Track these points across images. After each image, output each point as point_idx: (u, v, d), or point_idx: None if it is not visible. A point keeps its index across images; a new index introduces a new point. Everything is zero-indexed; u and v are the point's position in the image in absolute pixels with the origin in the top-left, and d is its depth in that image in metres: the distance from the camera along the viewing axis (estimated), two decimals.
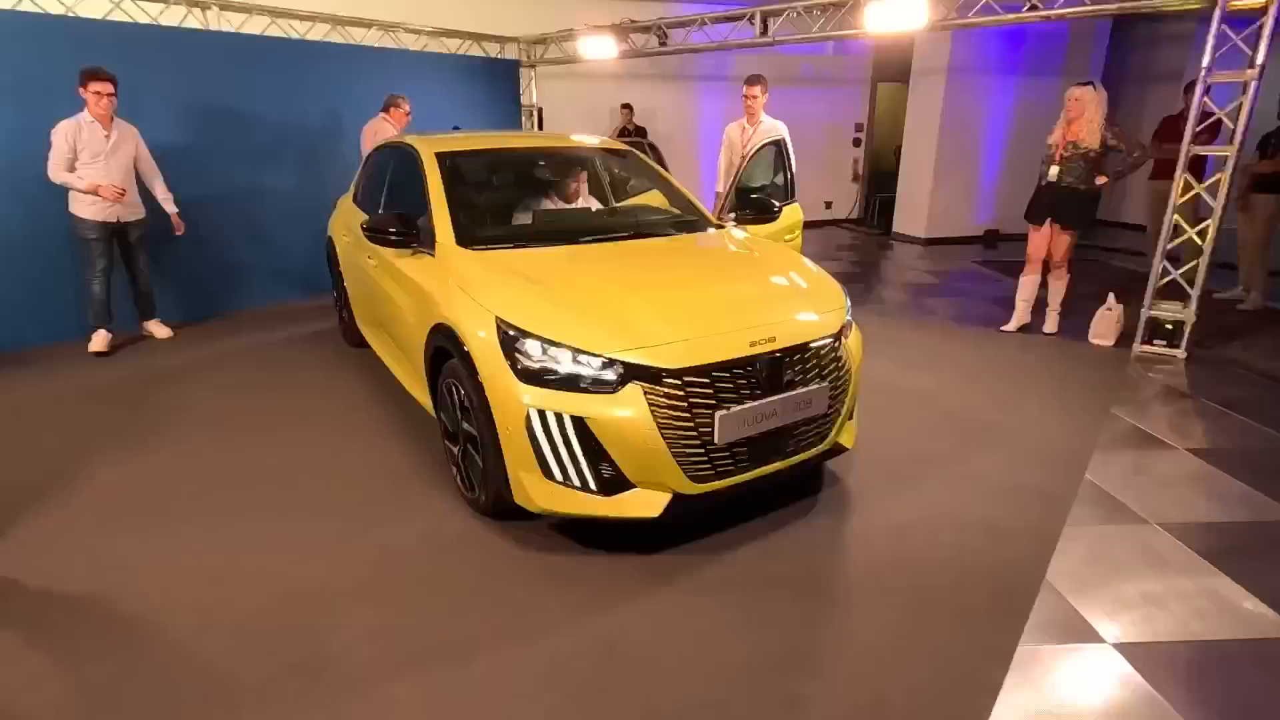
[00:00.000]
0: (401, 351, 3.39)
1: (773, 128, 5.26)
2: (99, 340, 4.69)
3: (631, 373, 2.22)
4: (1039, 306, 5.12)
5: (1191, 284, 4.48)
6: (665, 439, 2.21)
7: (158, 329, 4.98)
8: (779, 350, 2.39)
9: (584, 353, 2.25)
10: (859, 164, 11.02)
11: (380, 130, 5.53)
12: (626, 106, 8.68)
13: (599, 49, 6.95)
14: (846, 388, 2.63)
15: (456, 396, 2.63)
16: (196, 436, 3.41)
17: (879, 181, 11.20)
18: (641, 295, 2.49)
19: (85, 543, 2.54)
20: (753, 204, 3.73)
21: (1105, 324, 4.81)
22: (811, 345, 2.49)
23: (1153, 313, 4.60)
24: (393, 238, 2.99)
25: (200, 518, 2.71)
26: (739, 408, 2.30)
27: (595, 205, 4.00)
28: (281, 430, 3.49)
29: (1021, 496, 2.85)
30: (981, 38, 8.26)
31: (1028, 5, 4.83)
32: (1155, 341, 4.65)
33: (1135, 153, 4.41)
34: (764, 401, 2.35)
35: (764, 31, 5.98)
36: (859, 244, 9.33)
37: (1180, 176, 4.34)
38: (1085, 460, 3.17)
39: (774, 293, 2.70)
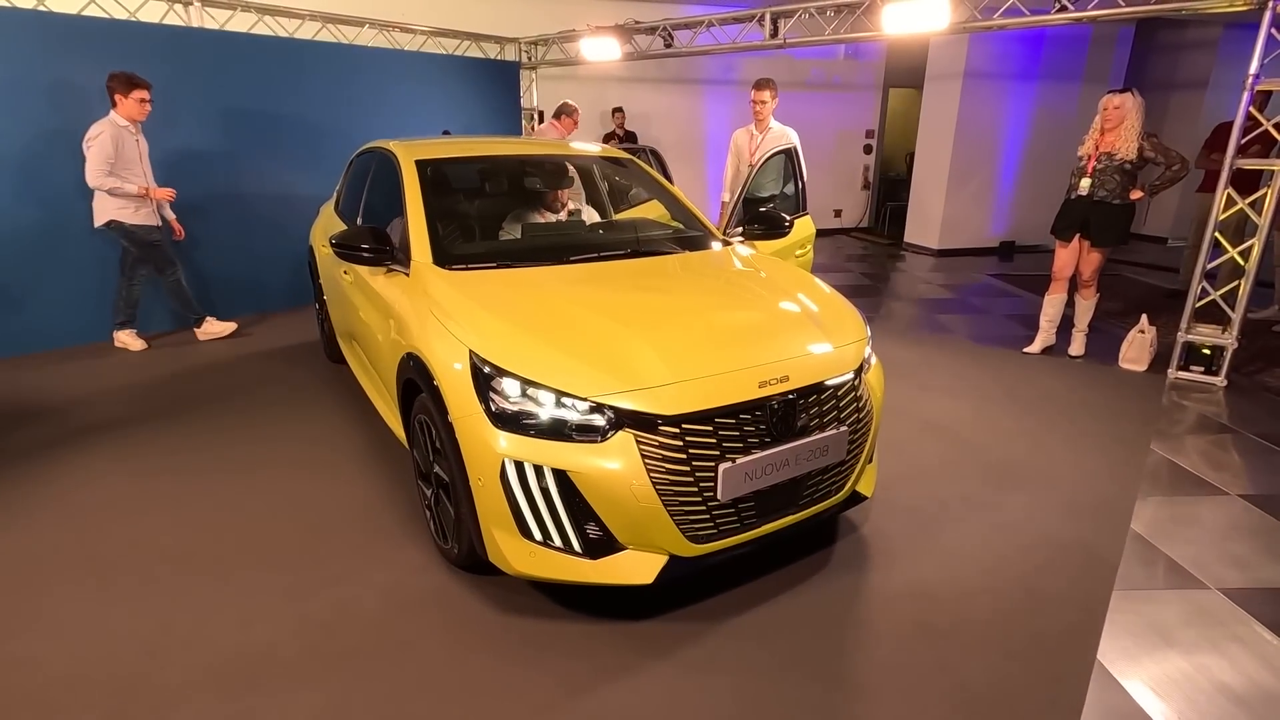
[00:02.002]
0: (376, 376, 3.11)
1: (782, 134, 4.98)
2: (134, 338, 4.72)
3: (622, 419, 1.93)
4: (1063, 326, 4.81)
5: (1232, 306, 4.17)
6: (660, 495, 1.92)
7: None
8: (792, 391, 2.09)
9: (568, 395, 1.95)
10: (869, 171, 10.72)
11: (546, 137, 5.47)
12: (618, 110, 8.37)
13: (601, 51, 6.67)
14: (867, 431, 2.33)
15: (429, 436, 2.34)
16: (137, 469, 3.13)
17: (888, 189, 10.90)
18: (636, 327, 2.20)
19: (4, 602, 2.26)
20: (761, 218, 3.43)
21: (1138, 347, 4.49)
22: (829, 384, 2.19)
23: (1190, 337, 4.29)
24: (365, 255, 2.71)
25: (138, 569, 2.42)
26: (746, 459, 2.00)
27: (593, 216, 3.72)
28: (240, 462, 3.20)
29: (1061, 552, 2.54)
30: (999, 41, 7.95)
31: (1056, 7, 4.53)
32: (1192, 367, 4.33)
33: (1175, 166, 4.10)
34: (774, 451, 2.05)
35: (774, 34, 5.69)
36: (869, 254, 9.02)
37: (1223, 190, 4.03)
38: (1128, 507, 2.86)
39: (786, 323, 2.40)
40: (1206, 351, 4.29)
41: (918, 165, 8.98)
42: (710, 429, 1.97)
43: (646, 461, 1.91)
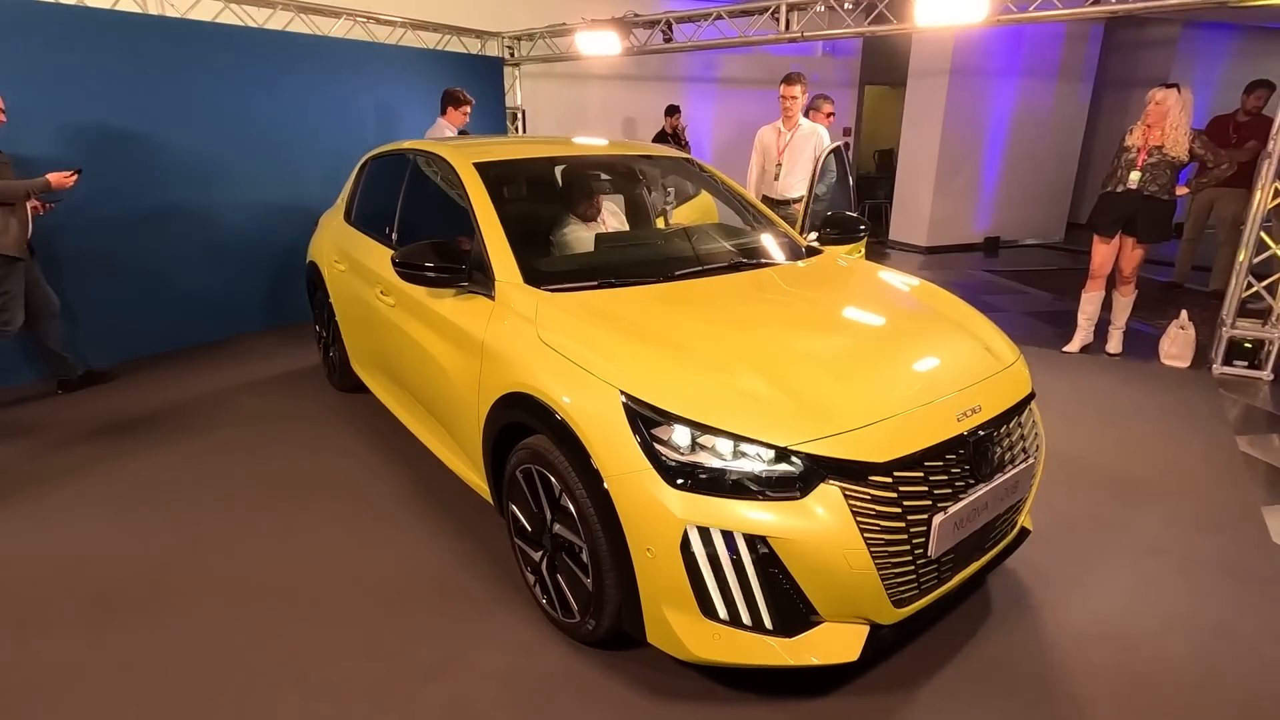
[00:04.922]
0: (436, 417, 2.68)
1: (812, 131, 4.77)
2: None
3: (824, 468, 1.61)
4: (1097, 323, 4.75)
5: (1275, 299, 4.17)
6: (874, 558, 1.61)
7: None
8: (988, 423, 1.83)
9: (755, 443, 1.62)
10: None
11: None
12: (675, 111, 7.87)
13: (600, 45, 6.30)
14: (1040, 459, 2.09)
15: (545, 490, 1.97)
16: (176, 525, 2.62)
17: (861, 187, 10.87)
18: (802, 354, 1.89)
19: None
20: (834, 221, 3.17)
21: (1180, 344, 4.45)
22: (1016, 411, 1.94)
23: (1235, 332, 4.27)
24: (430, 275, 2.30)
25: (195, 645, 1.96)
26: (956, 506, 1.72)
27: (621, 221, 3.38)
28: (278, 516, 2.73)
29: (1227, 579, 2.36)
30: (985, 38, 7.97)
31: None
32: (1235, 362, 4.32)
33: (1224, 164, 4.07)
34: (979, 494, 1.78)
35: (787, 27, 5.46)
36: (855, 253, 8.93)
37: (1270, 184, 4.00)
38: (1258, 518, 2.72)
39: (952, 342, 2.12)
40: (1248, 345, 4.29)
41: (902, 163, 8.94)
42: (921, 475, 1.68)
43: (858, 519, 1.60)
